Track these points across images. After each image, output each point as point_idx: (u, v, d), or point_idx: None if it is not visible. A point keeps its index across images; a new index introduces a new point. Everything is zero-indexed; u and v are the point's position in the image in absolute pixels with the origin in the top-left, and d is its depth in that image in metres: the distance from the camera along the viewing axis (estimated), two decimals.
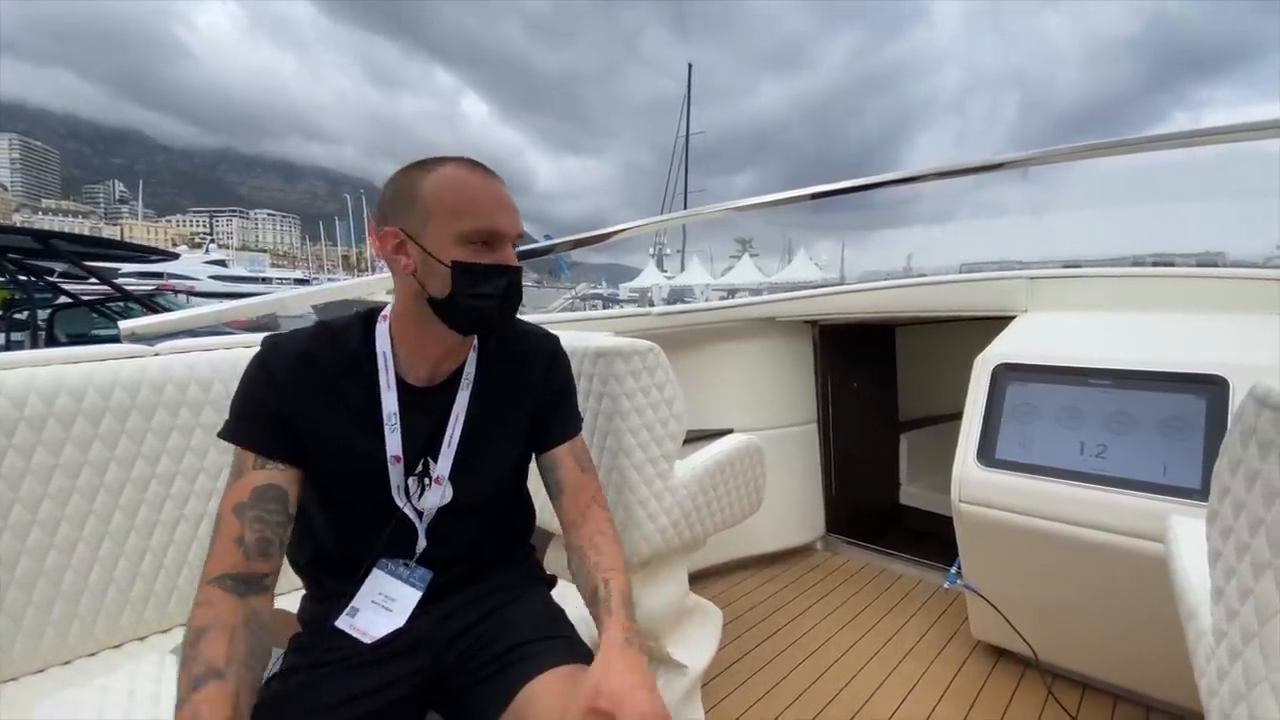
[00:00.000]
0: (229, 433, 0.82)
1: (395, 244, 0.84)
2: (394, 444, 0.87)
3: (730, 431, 1.57)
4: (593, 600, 0.88)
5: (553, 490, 0.99)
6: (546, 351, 1.01)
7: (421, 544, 0.91)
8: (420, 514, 0.90)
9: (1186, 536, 0.89)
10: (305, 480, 0.86)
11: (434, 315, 0.85)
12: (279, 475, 0.81)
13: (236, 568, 0.76)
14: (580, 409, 1.06)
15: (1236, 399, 1.23)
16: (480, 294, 0.83)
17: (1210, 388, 1.27)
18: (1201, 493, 1.20)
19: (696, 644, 1.42)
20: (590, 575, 0.90)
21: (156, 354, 1.25)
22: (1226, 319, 1.53)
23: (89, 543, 1.13)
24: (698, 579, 2.32)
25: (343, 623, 0.87)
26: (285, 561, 1.00)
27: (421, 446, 0.90)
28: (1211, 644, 0.66)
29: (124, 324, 1.34)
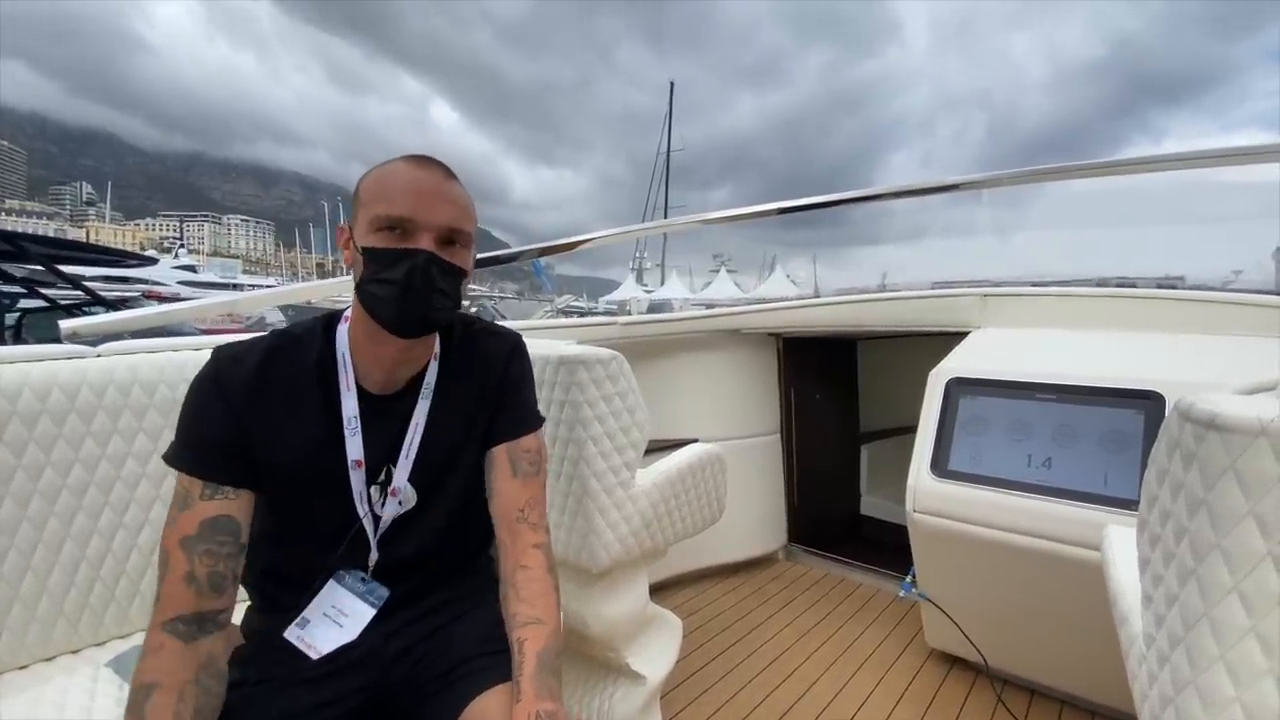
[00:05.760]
0: (174, 459, 0.79)
1: (344, 239, 0.84)
2: (355, 448, 0.85)
3: (695, 441, 1.58)
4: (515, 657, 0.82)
5: (488, 494, 0.95)
6: (504, 351, 0.98)
7: (374, 556, 0.88)
8: (378, 521, 0.88)
9: (1120, 545, 0.92)
10: (260, 498, 0.82)
11: None
12: (230, 505, 0.78)
13: (188, 608, 0.73)
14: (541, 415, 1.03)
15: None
16: (382, 279, 0.79)
17: (1147, 403, 1.33)
18: (1139, 503, 1.25)
19: (656, 654, 1.41)
20: (509, 628, 0.85)
21: (99, 355, 1.20)
22: (1174, 338, 1.59)
23: (21, 551, 1.08)
24: (661, 589, 2.31)
25: (291, 634, 0.84)
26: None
27: (383, 454, 0.87)
28: (1142, 649, 0.68)
29: (65, 324, 1.29)
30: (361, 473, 0.85)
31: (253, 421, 0.80)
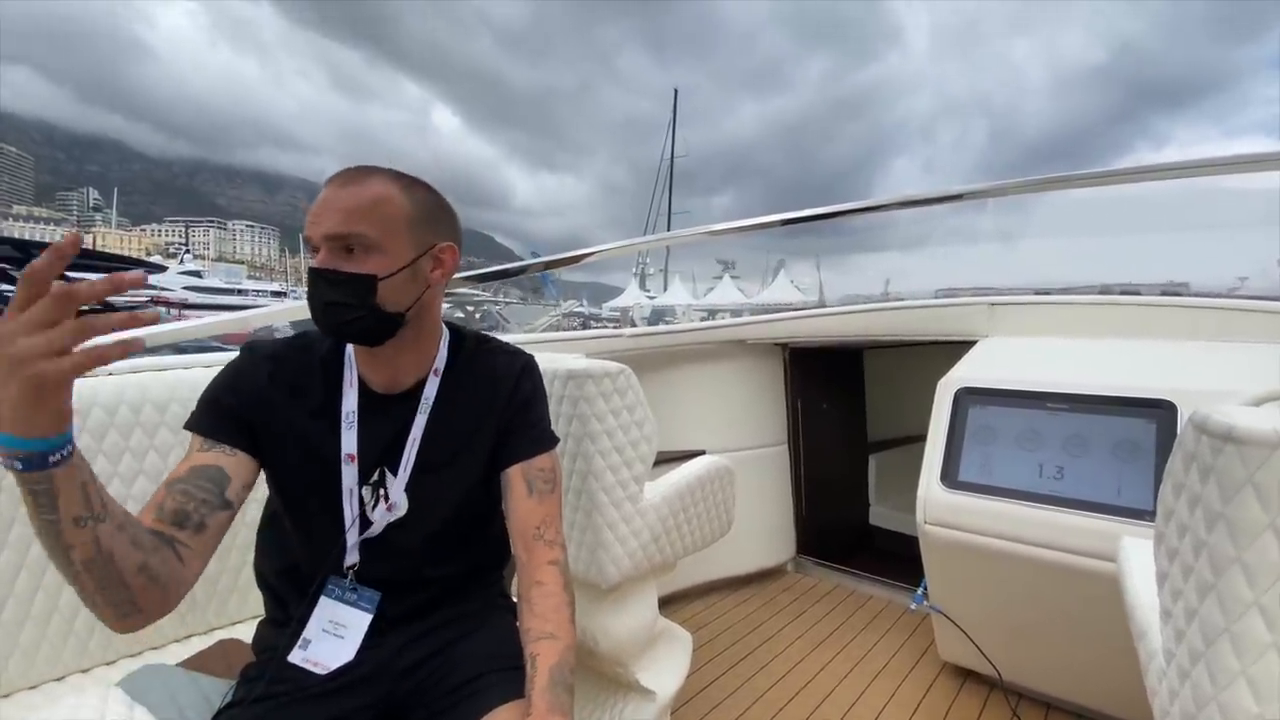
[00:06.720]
0: (187, 424, 0.83)
1: None
2: (349, 442, 0.87)
3: (702, 453, 1.57)
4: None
5: (505, 514, 0.95)
6: (515, 370, 0.97)
7: (354, 557, 0.88)
8: (368, 525, 0.88)
9: (1137, 557, 0.91)
10: (271, 480, 0.86)
11: None
12: (221, 457, 0.80)
13: (152, 526, 0.71)
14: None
15: (1184, 423, 1.28)
16: (308, 298, 0.83)
17: (1159, 412, 1.32)
18: (1153, 513, 1.24)
19: (666, 670, 1.40)
20: (524, 643, 0.84)
21: (110, 374, 1.21)
22: (1181, 346, 1.59)
23: (32, 570, 1.08)
24: (670, 603, 2.30)
25: (295, 657, 0.84)
26: (253, 582, 0.97)
27: (378, 454, 0.88)
28: (1162, 664, 0.67)
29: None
30: (354, 468, 0.86)
31: (258, 399, 0.84)
